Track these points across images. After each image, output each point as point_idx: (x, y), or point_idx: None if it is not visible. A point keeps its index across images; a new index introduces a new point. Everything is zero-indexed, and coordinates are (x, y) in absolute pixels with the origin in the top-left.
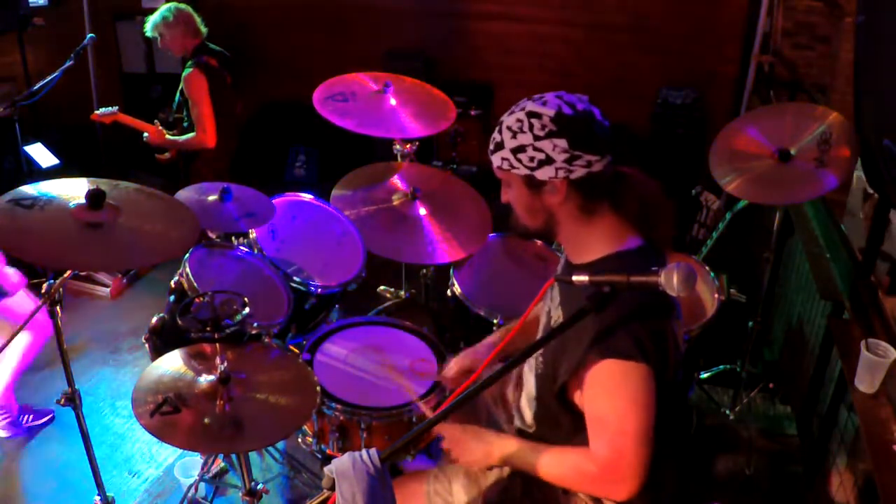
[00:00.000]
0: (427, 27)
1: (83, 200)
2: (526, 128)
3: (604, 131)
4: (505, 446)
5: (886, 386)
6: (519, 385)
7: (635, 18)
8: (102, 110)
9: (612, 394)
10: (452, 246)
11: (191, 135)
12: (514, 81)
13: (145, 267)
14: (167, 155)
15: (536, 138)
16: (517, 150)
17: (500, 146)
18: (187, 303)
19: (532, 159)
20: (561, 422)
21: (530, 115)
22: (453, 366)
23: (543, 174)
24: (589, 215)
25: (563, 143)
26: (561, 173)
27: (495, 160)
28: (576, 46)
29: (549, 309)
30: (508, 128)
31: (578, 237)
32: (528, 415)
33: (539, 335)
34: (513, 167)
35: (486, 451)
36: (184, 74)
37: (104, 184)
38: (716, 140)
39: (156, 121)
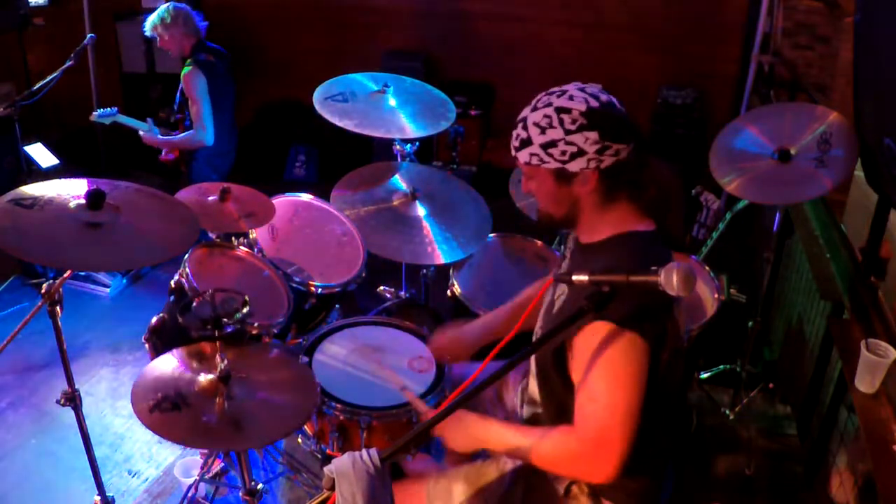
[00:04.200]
0: (427, 27)
1: (83, 200)
2: (556, 123)
3: (626, 119)
4: (487, 429)
5: (886, 386)
6: (518, 382)
7: (635, 18)
8: (100, 112)
9: (604, 363)
10: (452, 246)
11: (188, 133)
12: (514, 81)
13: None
14: (171, 157)
15: (568, 132)
16: (548, 146)
17: (527, 143)
18: (188, 301)
19: (564, 153)
20: (564, 396)
21: (559, 110)
22: (442, 339)
23: (575, 166)
24: (610, 202)
25: (594, 135)
26: (592, 164)
27: (523, 156)
28: (576, 46)
29: (552, 294)
30: (535, 124)
31: (595, 220)
32: (535, 390)
33: (540, 317)
34: (543, 162)
35: (470, 436)
36: (183, 73)
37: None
38: (716, 140)
39: (149, 120)
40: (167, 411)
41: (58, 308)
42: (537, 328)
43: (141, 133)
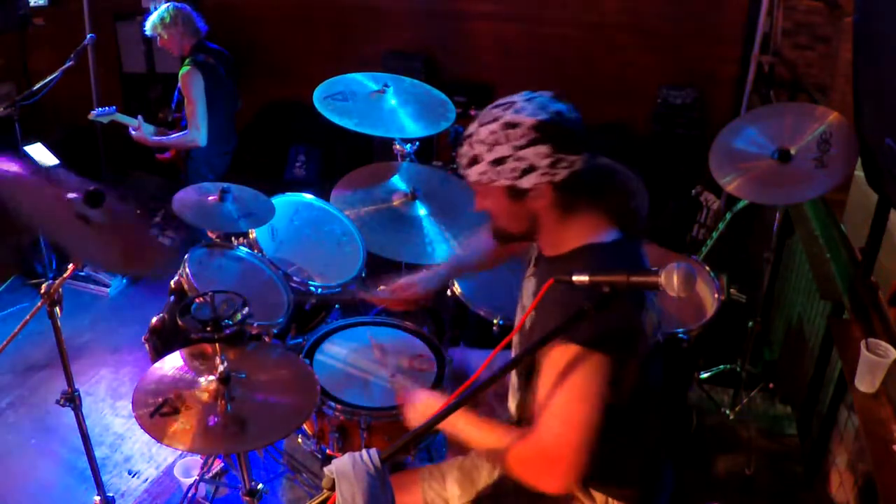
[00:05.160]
0: (427, 27)
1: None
2: (503, 139)
3: (579, 128)
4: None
5: (886, 386)
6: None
7: (635, 18)
8: (98, 111)
9: (565, 380)
10: (452, 246)
11: (182, 133)
12: (514, 81)
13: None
14: (167, 155)
15: (517, 148)
16: (497, 162)
17: (475, 161)
18: (187, 303)
19: (514, 169)
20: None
21: (506, 125)
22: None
23: (527, 182)
24: (570, 213)
25: (546, 149)
26: (545, 178)
27: (472, 175)
28: (576, 46)
29: (522, 300)
30: (482, 141)
31: (557, 233)
32: (513, 406)
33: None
34: (493, 180)
35: (425, 415)
36: (181, 73)
37: None
38: (716, 140)
39: (139, 117)
40: (168, 415)
41: (58, 308)
42: (514, 344)
43: (132, 133)
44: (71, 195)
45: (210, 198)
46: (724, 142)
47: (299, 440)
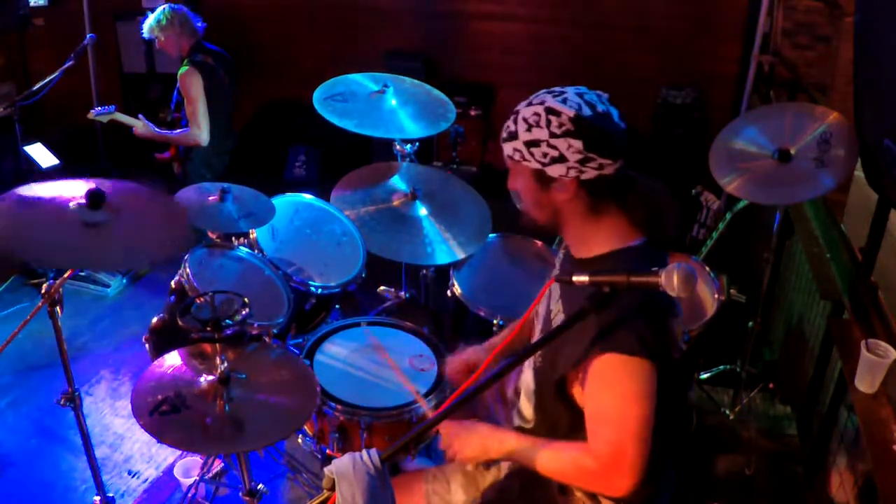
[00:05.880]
0: (427, 27)
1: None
2: (543, 123)
3: (620, 135)
4: (503, 441)
5: (886, 386)
6: (517, 384)
7: (635, 18)
8: (98, 110)
9: (613, 388)
10: (452, 246)
11: (184, 130)
12: (514, 81)
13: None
14: (167, 155)
15: (552, 135)
16: (531, 144)
17: (513, 136)
18: (188, 303)
19: (545, 155)
20: (559, 419)
21: (549, 111)
22: (457, 363)
23: (554, 171)
24: (596, 214)
25: (578, 144)
26: (572, 173)
27: (507, 149)
28: (576, 46)
29: (548, 304)
30: (524, 119)
31: (584, 233)
32: (528, 410)
33: (538, 330)
34: (524, 159)
35: (484, 446)
36: (179, 73)
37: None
38: (716, 140)
39: (140, 116)
40: (167, 414)
41: (58, 308)
42: (535, 338)
43: (135, 129)
44: (73, 203)
45: (210, 198)
46: (724, 142)
47: (299, 440)
